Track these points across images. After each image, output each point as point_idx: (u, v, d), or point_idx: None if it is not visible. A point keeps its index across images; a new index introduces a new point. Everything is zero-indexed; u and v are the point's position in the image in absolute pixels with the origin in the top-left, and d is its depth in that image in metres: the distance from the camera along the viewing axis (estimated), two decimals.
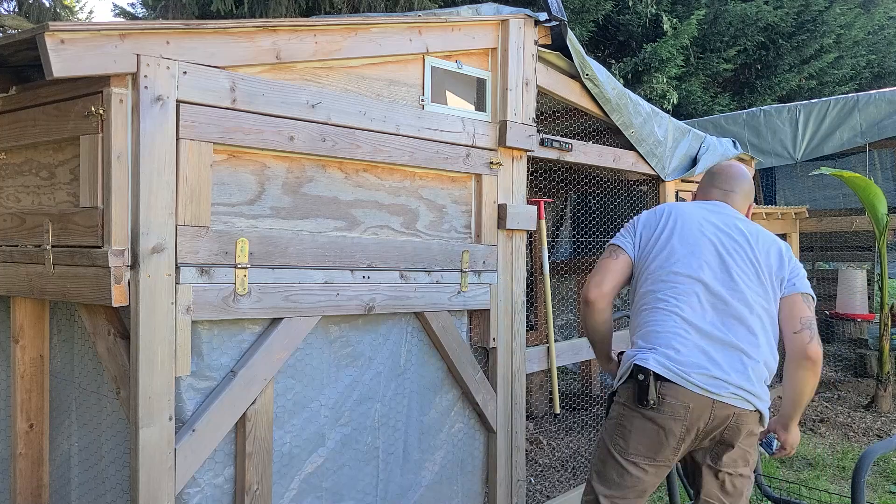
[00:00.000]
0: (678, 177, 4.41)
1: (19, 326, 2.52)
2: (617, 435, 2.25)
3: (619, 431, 2.24)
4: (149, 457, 2.04)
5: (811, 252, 8.01)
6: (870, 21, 11.92)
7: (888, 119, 6.47)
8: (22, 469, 2.53)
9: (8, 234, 2.42)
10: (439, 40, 2.85)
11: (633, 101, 3.88)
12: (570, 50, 3.36)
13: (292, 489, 2.46)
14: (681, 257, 2.33)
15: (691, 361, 2.18)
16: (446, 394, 2.98)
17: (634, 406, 2.21)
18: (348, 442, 2.63)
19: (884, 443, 2.33)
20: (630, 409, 2.23)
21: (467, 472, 3.07)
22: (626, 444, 2.22)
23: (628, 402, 2.24)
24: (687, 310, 2.25)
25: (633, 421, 2.21)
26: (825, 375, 6.77)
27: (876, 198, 5.62)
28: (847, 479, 4.26)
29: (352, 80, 2.58)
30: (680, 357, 2.19)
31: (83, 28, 1.91)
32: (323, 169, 2.52)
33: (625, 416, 2.24)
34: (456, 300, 2.92)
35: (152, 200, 2.04)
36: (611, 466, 2.25)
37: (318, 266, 2.46)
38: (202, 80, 2.14)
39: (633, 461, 2.21)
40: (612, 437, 2.26)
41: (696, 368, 2.17)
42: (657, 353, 2.21)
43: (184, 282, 2.11)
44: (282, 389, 2.42)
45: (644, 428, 2.19)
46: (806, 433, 5.26)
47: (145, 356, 2.03)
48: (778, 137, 7.10)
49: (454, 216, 2.97)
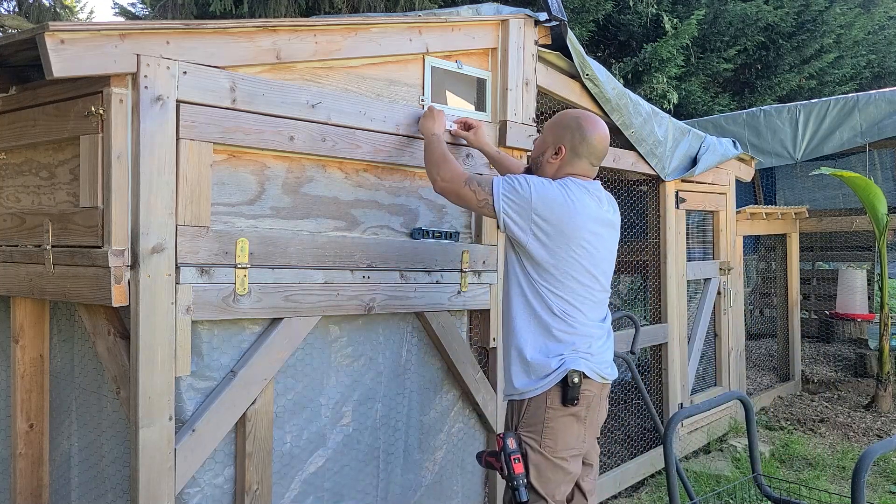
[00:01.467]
0: (678, 177, 4.41)
1: (19, 326, 2.52)
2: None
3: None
4: (149, 457, 2.04)
5: (811, 252, 8.01)
6: (870, 21, 11.93)
7: (888, 119, 6.47)
8: (22, 469, 2.53)
9: (8, 234, 2.42)
10: (439, 40, 2.85)
11: (633, 101, 3.88)
12: (570, 50, 3.36)
13: (293, 489, 2.46)
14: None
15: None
16: (446, 394, 2.98)
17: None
18: (349, 442, 2.63)
19: (884, 443, 2.32)
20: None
21: (467, 472, 3.07)
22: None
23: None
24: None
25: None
26: (825, 375, 6.77)
27: (876, 198, 5.62)
28: (847, 479, 4.26)
29: (352, 80, 2.58)
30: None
31: (83, 28, 1.91)
32: (323, 169, 2.52)
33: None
34: (456, 300, 2.92)
35: (152, 200, 2.04)
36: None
37: (317, 266, 2.46)
38: (202, 80, 2.14)
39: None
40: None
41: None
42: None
43: (184, 282, 2.11)
44: (282, 389, 2.42)
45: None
46: (806, 433, 5.27)
47: (145, 356, 2.03)
48: (778, 137, 7.10)
49: (454, 216, 2.97)
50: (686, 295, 4.63)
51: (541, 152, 2.49)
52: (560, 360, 2.28)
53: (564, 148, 2.41)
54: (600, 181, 2.55)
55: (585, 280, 2.34)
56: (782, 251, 6.65)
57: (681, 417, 2.68)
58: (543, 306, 2.32)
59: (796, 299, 6.67)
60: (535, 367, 2.30)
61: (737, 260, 5.32)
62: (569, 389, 2.25)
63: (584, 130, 2.41)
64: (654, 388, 4.46)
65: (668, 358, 4.43)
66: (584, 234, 2.32)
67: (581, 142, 2.40)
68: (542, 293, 2.32)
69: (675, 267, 4.49)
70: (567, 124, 2.44)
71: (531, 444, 2.27)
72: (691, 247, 4.75)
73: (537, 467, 2.26)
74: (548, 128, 2.51)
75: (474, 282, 2.99)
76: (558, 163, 2.42)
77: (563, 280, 2.31)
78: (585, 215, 2.32)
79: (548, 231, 2.28)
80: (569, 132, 2.42)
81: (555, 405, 2.27)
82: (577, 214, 2.30)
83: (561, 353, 2.29)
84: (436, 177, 2.46)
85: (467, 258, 2.95)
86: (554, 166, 2.43)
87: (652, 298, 4.54)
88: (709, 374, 5.08)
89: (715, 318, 5.07)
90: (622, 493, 4.01)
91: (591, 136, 2.41)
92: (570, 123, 2.44)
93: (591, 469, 2.49)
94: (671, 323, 4.44)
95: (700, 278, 4.87)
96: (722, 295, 5.08)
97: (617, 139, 3.98)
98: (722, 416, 5.00)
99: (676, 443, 4.26)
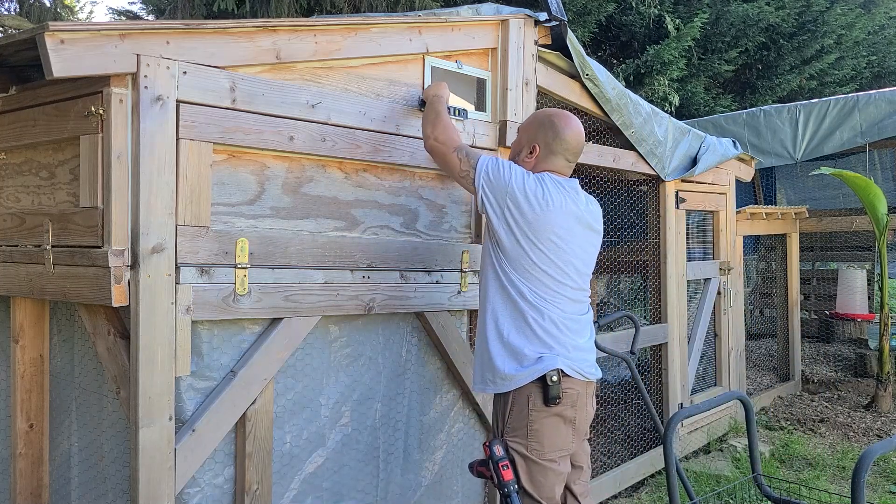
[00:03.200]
0: (678, 177, 4.41)
1: (19, 326, 2.52)
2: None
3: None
4: (149, 457, 2.04)
5: (811, 252, 8.01)
6: (870, 21, 11.92)
7: (888, 119, 6.47)
8: (22, 469, 2.53)
9: (8, 234, 2.42)
10: (439, 40, 2.85)
11: (633, 101, 3.88)
12: (570, 50, 3.36)
13: (292, 489, 2.46)
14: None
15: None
16: (446, 394, 2.98)
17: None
18: (348, 442, 2.63)
19: (884, 443, 2.32)
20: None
21: (467, 472, 3.07)
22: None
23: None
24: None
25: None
26: (825, 375, 6.77)
27: (876, 198, 5.62)
28: (847, 479, 4.26)
29: (352, 80, 2.58)
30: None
31: (83, 28, 1.91)
32: (323, 169, 2.52)
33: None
34: (456, 300, 2.92)
35: (152, 200, 2.04)
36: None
37: (317, 266, 2.46)
38: (202, 80, 2.14)
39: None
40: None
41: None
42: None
43: (184, 282, 2.11)
44: (282, 389, 2.42)
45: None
46: (806, 433, 5.26)
47: (145, 356, 2.03)
48: (778, 137, 7.09)
49: (454, 216, 2.97)
50: (686, 295, 4.63)
51: (516, 153, 2.52)
52: (539, 358, 2.26)
53: (538, 146, 2.42)
54: (600, 181, 2.55)
55: (555, 274, 2.32)
56: (782, 251, 6.66)
57: (681, 417, 2.68)
58: (518, 293, 2.31)
59: (796, 299, 6.67)
60: (517, 352, 2.29)
61: (737, 260, 5.32)
62: (549, 388, 2.23)
63: (556, 127, 2.41)
64: (654, 388, 4.46)
65: (668, 358, 4.43)
66: (555, 228, 2.31)
67: (555, 138, 2.41)
68: (514, 280, 2.31)
69: (675, 267, 4.49)
70: (541, 122, 2.46)
71: (518, 449, 2.25)
72: (691, 247, 4.75)
73: (528, 472, 2.25)
74: (522, 128, 2.54)
75: (474, 282, 2.99)
76: (533, 161, 2.43)
77: (531, 271, 2.31)
78: (558, 210, 2.32)
79: (517, 219, 2.29)
80: (542, 130, 2.43)
81: (538, 406, 2.26)
82: (548, 209, 2.30)
83: (539, 352, 2.27)
84: (429, 133, 2.47)
85: (467, 258, 2.95)
86: (529, 165, 2.44)
87: (652, 298, 4.54)
88: (709, 374, 5.08)
89: (715, 318, 5.07)
90: (622, 493, 4.01)
91: (564, 133, 2.41)
92: (543, 121, 2.45)
93: (582, 471, 2.46)
94: (671, 323, 4.44)
95: (700, 278, 4.87)
96: (722, 295, 5.08)
97: (617, 139, 3.98)
98: (722, 416, 5.00)
99: (676, 443, 4.25)
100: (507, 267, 2.33)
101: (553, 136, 2.41)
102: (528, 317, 2.29)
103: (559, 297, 2.33)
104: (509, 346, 2.30)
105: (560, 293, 2.34)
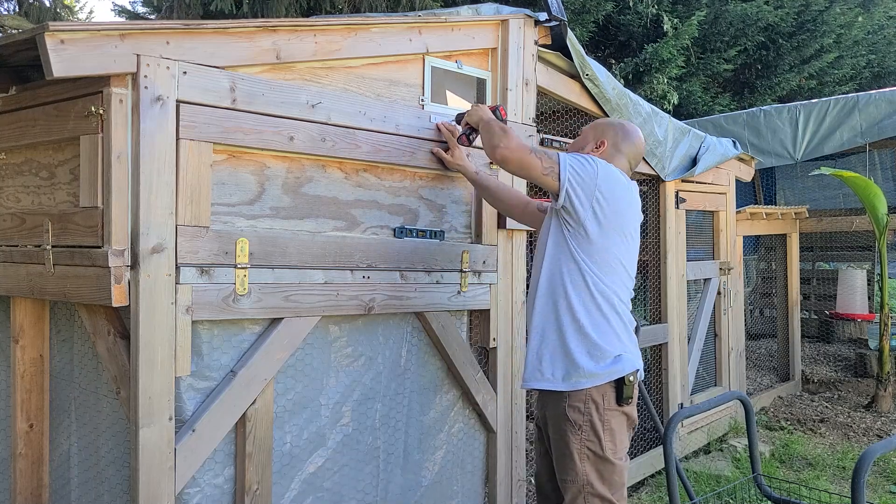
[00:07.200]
0: (678, 177, 4.41)
1: (19, 326, 2.52)
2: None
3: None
4: (149, 457, 2.04)
5: (811, 252, 8.01)
6: (870, 21, 11.93)
7: (888, 119, 6.47)
8: (22, 469, 2.53)
9: (8, 234, 2.42)
10: (439, 40, 2.85)
11: (633, 100, 3.88)
12: (570, 50, 3.36)
13: (293, 489, 2.46)
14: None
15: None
16: (446, 394, 2.98)
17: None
18: (349, 442, 2.63)
19: (884, 443, 2.32)
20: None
21: (467, 472, 3.07)
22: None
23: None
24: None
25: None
26: (825, 375, 6.77)
27: (876, 198, 5.62)
28: (847, 479, 4.26)
29: (352, 80, 2.58)
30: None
31: (83, 28, 1.91)
32: (323, 169, 2.52)
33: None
34: (456, 300, 2.92)
35: (152, 200, 2.04)
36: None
37: (318, 266, 2.46)
38: (202, 80, 2.14)
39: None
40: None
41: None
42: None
43: (184, 282, 2.11)
44: (282, 389, 2.42)
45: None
46: (806, 433, 5.26)
47: (145, 356, 2.03)
48: (778, 137, 7.10)
49: (454, 216, 2.97)
50: (686, 295, 4.63)
51: (580, 147, 2.55)
52: (618, 357, 2.29)
53: (606, 142, 2.49)
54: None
55: (630, 269, 2.39)
56: (782, 251, 6.66)
57: (681, 417, 2.69)
58: (597, 287, 2.32)
59: (796, 299, 6.67)
60: (598, 348, 2.28)
61: (737, 260, 5.32)
62: (625, 388, 2.26)
63: (626, 129, 2.52)
64: (654, 388, 4.46)
65: (668, 358, 4.43)
66: (633, 222, 2.40)
67: (623, 139, 2.49)
68: (595, 273, 2.32)
69: (675, 267, 4.49)
70: (610, 123, 2.58)
71: (592, 448, 2.25)
72: (691, 247, 4.75)
73: (600, 473, 2.25)
74: (587, 129, 2.60)
75: (474, 282, 2.99)
76: (599, 155, 2.47)
77: (611, 264, 2.33)
78: (636, 205, 2.42)
79: (605, 210, 2.30)
80: (612, 129, 2.53)
81: (611, 405, 2.28)
82: (632, 203, 2.40)
83: (617, 349, 2.30)
84: (497, 144, 2.41)
85: (467, 258, 2.95)
86: None
87: (652, 298, 4.54)
88: (709, 374, 5.08)
89: (715, 318, 5.07)
90: None
91: (632, 136, 2.51)
92: (613, 123, 2.58)
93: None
94: (671, 323, 4.45)
95: (700, 278, 4.87)
96: (722, 295, 5.08)
97: None
98: (722, 416, 5.00)
99: (676, 443, 4.25)
100: (588, 260, 2.33)
101: (623, 137, 2.50)
102: (605, 311, 2.32)
103: (626, 294, 2.39)
104: (590, 341, 2.30)
105: (628, 289, 2.40)
